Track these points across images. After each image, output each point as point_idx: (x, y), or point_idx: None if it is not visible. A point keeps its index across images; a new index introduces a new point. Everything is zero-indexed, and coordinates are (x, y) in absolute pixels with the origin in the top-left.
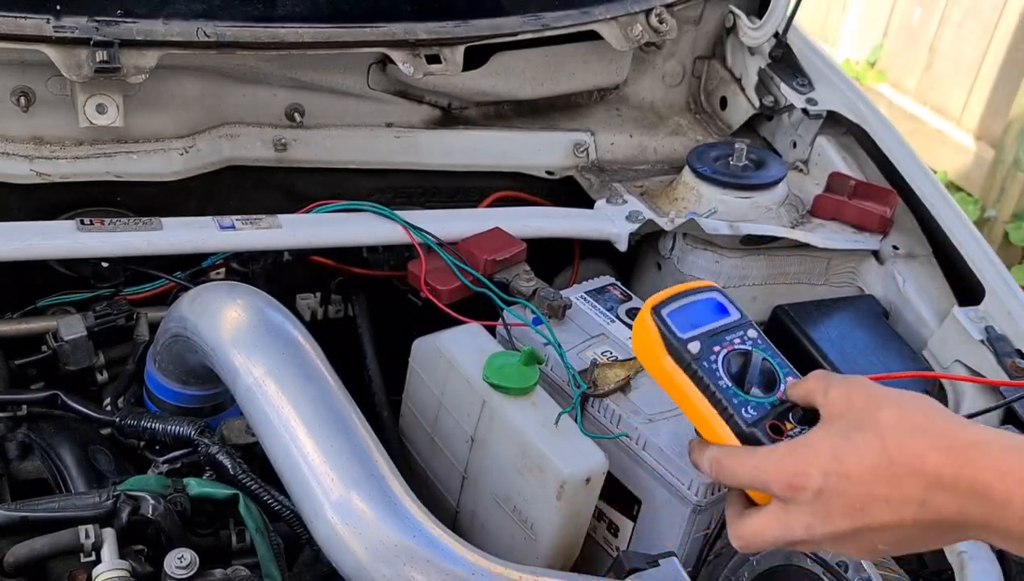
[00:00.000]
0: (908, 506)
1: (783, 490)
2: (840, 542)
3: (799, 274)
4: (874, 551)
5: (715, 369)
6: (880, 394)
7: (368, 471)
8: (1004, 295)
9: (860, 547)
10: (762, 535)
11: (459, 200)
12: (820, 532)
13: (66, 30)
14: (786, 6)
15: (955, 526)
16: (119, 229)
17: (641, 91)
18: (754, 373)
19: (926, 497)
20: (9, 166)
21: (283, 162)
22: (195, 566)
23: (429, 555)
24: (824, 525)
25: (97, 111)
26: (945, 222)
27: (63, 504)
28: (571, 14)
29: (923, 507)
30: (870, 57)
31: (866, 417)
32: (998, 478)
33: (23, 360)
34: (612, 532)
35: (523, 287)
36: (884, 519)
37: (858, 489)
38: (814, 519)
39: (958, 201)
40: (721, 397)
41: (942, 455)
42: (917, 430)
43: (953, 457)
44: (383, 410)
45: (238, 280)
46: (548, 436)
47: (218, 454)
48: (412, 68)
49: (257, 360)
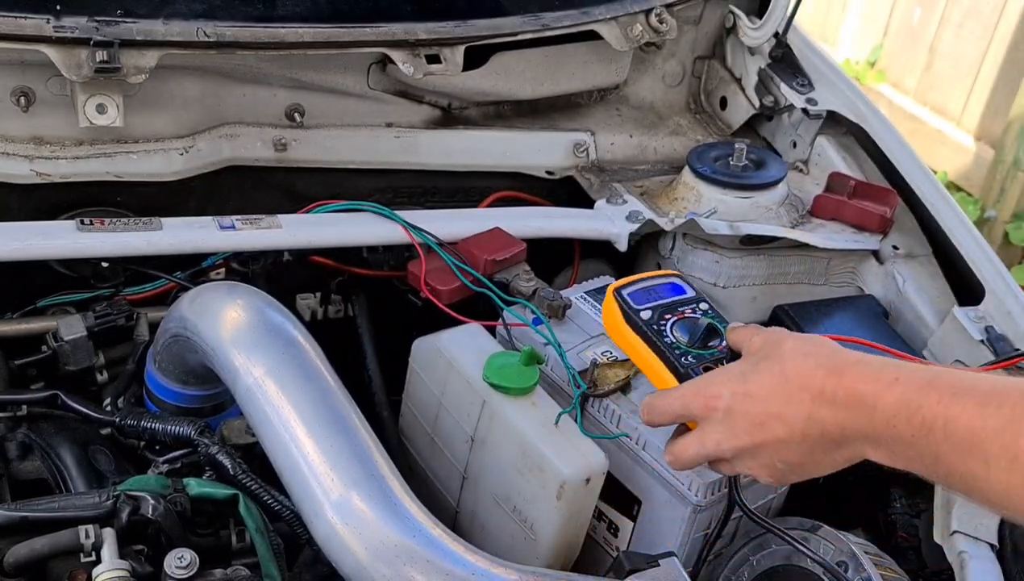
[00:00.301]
0: (798, 420)
1: (701, 410)
2: (745, 458)
3: (799, 274)
4: (774, 469)
5: (663, 330)
6: (789, 333)
7: (368, 471)
8: (1004, 295)
9: (762, 464)
10: (685, 452)
11: (459, 200)
12: (728, 446)
13: (66, 30)
14: (786, 6)
15: (836, 440)
16: (119, 229)
17: (641, 91)
18: (697, 333)
19: (812, 411)
20: (9, 166)
21: (283, 162)
22: (195, 566)
23: (429, 555)
24: (731, 440)
25: (97, 111)
26: (945, 222)
27: (63, 504)
28: (571, 14)
29: (810, 420)
30: (870, 57)
31: (772, 349)
32: (869, 384)
33: (23, 360)
34: (612, 532)
35: (523, 287)
36: (779, 433)
37: (759, 407)
38: (723, 435)
39: (958, 201)
40: (665, 350)
41: (827, 373)
42: (810, 355)
43: (836, 374)
44: (383, 410)
45: (238, 280)
46: (548, 436)
47: (218, 454)
48: (412, 68)
49: (257, 360)
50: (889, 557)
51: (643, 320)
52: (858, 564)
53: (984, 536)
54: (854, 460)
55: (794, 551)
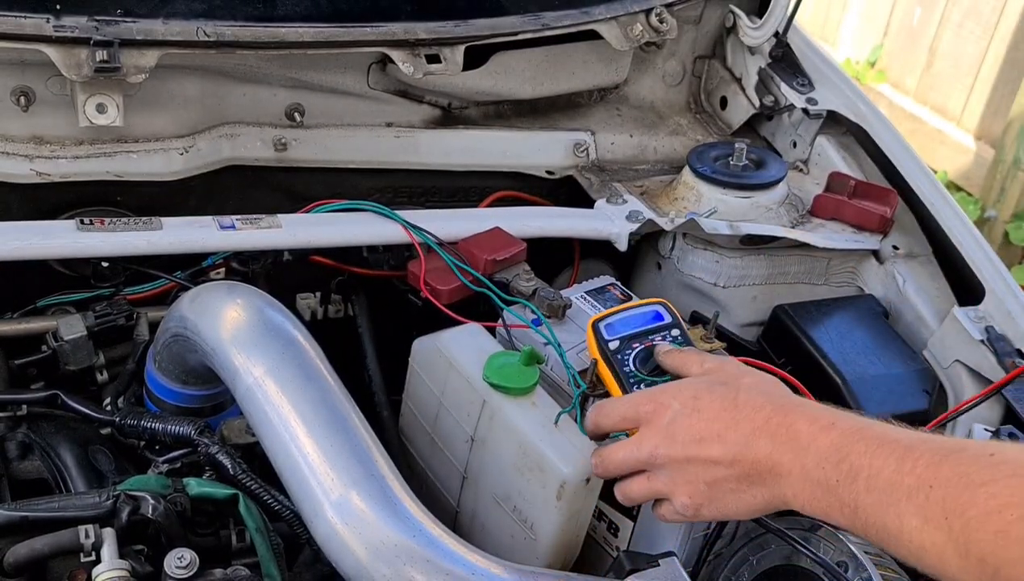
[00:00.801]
0: (735, 445)
1: (647, 415)
2: (674, 468)
3: (799, 274)
4: (696, 490)
5: (626, 359)
6: (748, 371)
7: (368, 471)
8: (1004, 295)
9: (687, 479)
10: (615, 454)
11: (459, 200)
12: (662, 452)
13: (66, 30)
14: (786, 6)
15: (763, 475)
16: (119, 229)
17: (641, 91)
18: (651, 360)
19: (750, 439)
20: (9, 166)
21: (283, 162)
22: (195, 566)
23: (429, 555)
24: (667, 447)
25: (97, 111)
26: (945, 222)
27: (63, 504)
28: (571, 14)
29: (746, 447)
30: (870, 57)
31: (731, 378)
32: (808, 424)
33: (23, 360)
34: (612, 532)
35: (523, 287)
36: (714, 453)
37: (703, 423)
38: (661, 441)
39: (958, 201)
40: (623, 379)
41: (774, 409)
42: (764, 393)
43: (781, 411)
44: (383, 410)
45: (238, 280)
46: (548, 436)
47: (218, 454)
48: (412, 68)
49: (257, 360)
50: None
51: (611, 350)
52: (858, 564)
53: None
54: (772, 506)
55: (794, 551)
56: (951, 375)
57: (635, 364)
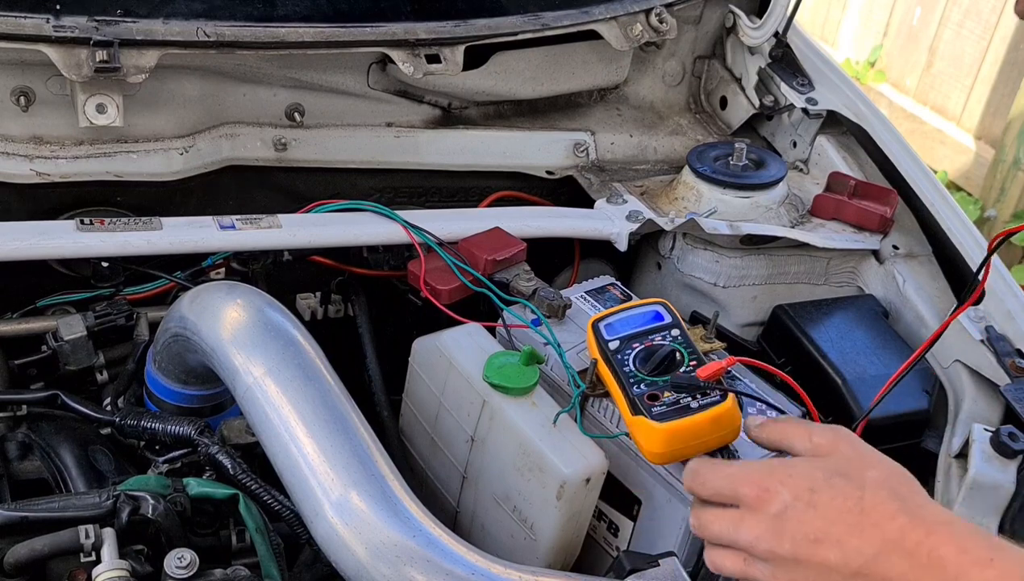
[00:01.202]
0: (859, 556)
1: (751, 499)
2: (777, 565)
3: (799, 274)
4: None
5: (625, 360)
6: (870, 453)
7: (368, 471)
8: (1004, 295)
9: (792, 578)
10: (712, 525)
11: (459, 200)
12: (764, 546)
13: (66, 30)
14: (786, 6)
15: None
16: (119, 229)
17: (641, 91)
18: (651, 360)
19: (880, 553)
20: (9, 166)
21: (283, 162)
22: (195, 566)
23: (429, 555)
24: (771, 541)
25: (97, 111)
26: (945, 222)
27: (63, 504)
28: (571, 14)
29: (874, 561)
30: (870, 57)
31: (853, 469)
32: (957, 554)
33: (23, 360)
34: (612, 532)
35: (523, 287)
36: (831, 559)
37: (819, 523)
38: (765, 532)
39: (958, 201)
40: (622, 378)
41: (912, 521)
42: (896, 496)
43: (921, 526)
44: (383, 410)
45: (238, 280)
46: (548, 436)
47: (218, 454)
48: (412, 68)
49: (257, 360)
50: None
51: (610, 350)
52: None
53: None
54: None
55: None
56: (951, 375)
57: (635, 364)
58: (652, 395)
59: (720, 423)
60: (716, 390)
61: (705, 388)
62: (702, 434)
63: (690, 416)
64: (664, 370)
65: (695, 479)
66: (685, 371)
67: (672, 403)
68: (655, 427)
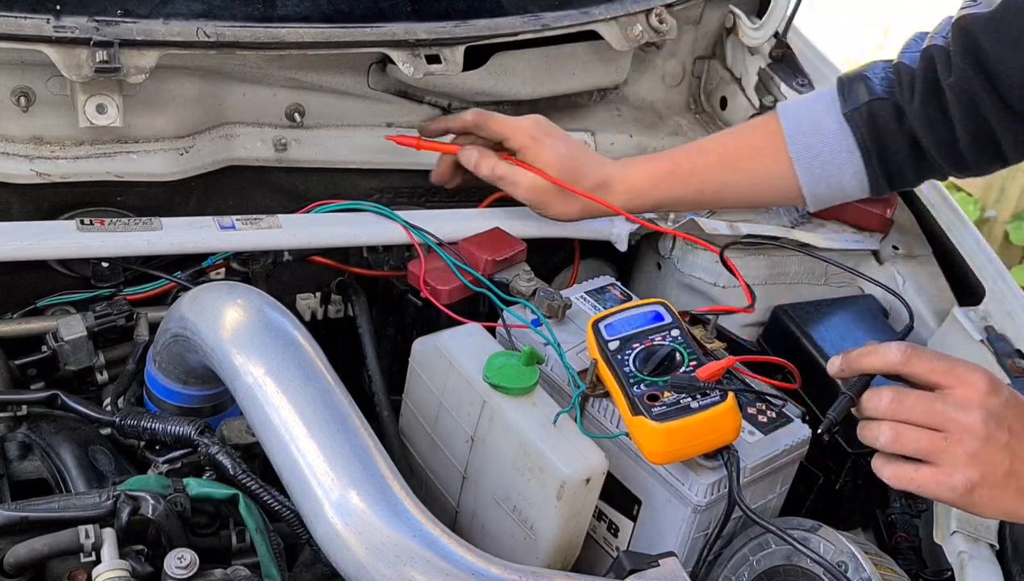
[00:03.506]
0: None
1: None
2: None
3: (799, 274)
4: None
5: (625, 360)
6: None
7: (368, 471)
8: (1004, 295)
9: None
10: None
11: (459, 200)
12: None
13: (66, 30)
14: (786, 6)
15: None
16: (119, 229)
17: (641, 91)
18: (651, 360)
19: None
20: (9, 166)
21: (283, 162)
22: (195, 566)
23: (429, 555)
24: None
25: (97, 111)
26: (945, 222)
27: (63, 504)
28: (571, 14)
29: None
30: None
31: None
32: None
33: (23, 360)
34: (612, 532)
35: (523, 287)
36: None
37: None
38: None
39: (958, 201)
40: (623, 379)
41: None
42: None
43: None
44: (383, 410)
45: (238, 280)
46: (548, 436)
47: (218, 454)
48: (412, 68)
49: (257, 360)
50: (889, 557)
51: (610, 351)
52: (858, 564)
53: (984, 536)
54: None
55: (794, 551)
56: None
57: (635, 364)
58: (652, 395)
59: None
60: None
61: (705, 388)
62: (702, 434)
63: (690, 416)
64: (664, 370)
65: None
66: (685, 371)
67: (672, 403)
68: (655, 427)
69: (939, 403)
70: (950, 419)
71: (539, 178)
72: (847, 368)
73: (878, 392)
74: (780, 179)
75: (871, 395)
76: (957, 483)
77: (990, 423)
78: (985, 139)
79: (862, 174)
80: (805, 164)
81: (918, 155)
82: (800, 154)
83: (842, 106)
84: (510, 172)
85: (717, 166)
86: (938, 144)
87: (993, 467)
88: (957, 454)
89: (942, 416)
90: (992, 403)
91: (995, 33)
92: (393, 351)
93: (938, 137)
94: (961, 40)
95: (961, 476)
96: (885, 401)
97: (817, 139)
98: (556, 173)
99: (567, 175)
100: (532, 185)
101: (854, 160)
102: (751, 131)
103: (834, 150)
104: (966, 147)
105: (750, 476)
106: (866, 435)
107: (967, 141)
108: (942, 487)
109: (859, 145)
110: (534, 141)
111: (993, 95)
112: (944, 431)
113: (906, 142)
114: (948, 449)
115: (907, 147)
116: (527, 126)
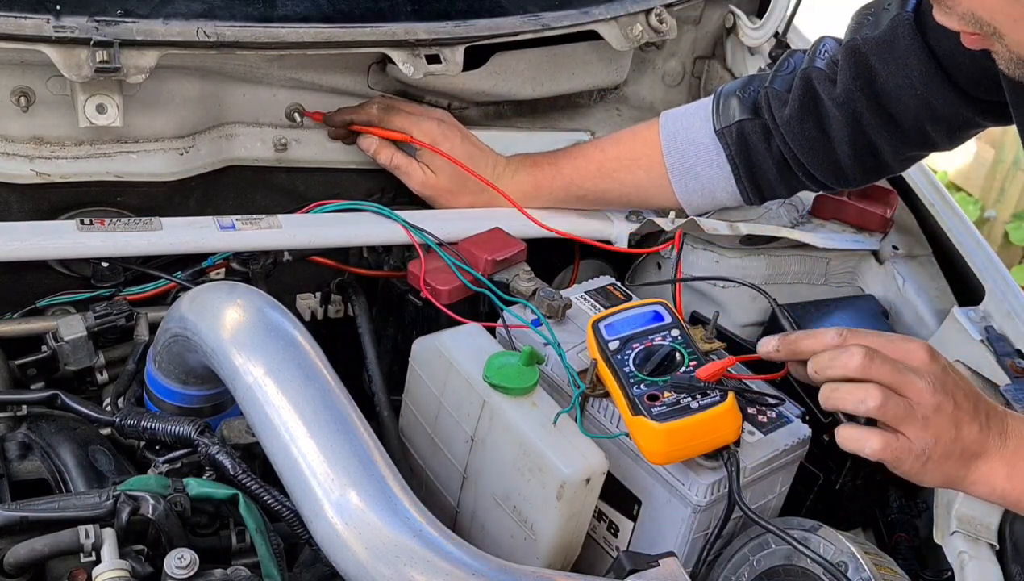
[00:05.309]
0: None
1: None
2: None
3: (799, 274)
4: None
5: (626, 360)
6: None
7: (368, 471)
8: (1004, 295)
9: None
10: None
11: None
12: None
13: (66, 30)
14: (786, 6)
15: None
16: (119, 229)
17: (641, 91)
18: (651, 360)
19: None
20: (9, 166)
21: (283, 162)
22: (195, 566)
23: (429, 555)
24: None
25: (97, 111)
26: (945, 222)
27: (63, 504)
28: (571, 14)
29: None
30: None
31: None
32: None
33: (23, 360)
34: (612, 532)
35: (523, 287)
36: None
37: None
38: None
39: (958, 201)
40: (623, 379)
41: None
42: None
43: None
44: (383, 410)
45: (238, 280)
46: (548, 436)
47: (218, 454)
48: (412, 68)
49: (257, 360)
50: (889, 557)
51: (610, 351)
52: (858, 564)
53: (984, 536)
54: None
55: (794, 551)
56: None
57: (635, 364)
58: (652, 395)
59: (720, 423)
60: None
61: (705, 388)
62: (702, 434)
63: (690, 416)
64: (664, 370)
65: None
66: (685, 371)
67: (672, 403)
68: (655, 427)
69: (901, 365)
70: (909, 383)
71: (431, 176)
72: (784, 350)
73: (849, 349)
74: (657, 189)
75: (842, 352)
76: (919, 449)
77: (938, 391)
78: (867, 153)
79: (732, 188)
80: (680, 176)
81: (786, 172)
82: (675, 166)
83: (715, 122)
84: (405, 163)
85: (596, 175)
86: (815, 160)
87: (943, 434)
88: (917, 420)
89: (902, 379)
90: (935, 370)
91: (884, 53)
92: (393, 351)
93: (814, 154)
94: (851, 60)
95: (921, 443)
96: (857, 358)
97: (692, 152)
98: (446, 177)
99: (456, 180)
100: (423, 181)
101: (724, 174)
102: (632, 140)
103: (706, 165)
104: (847, 161)
105: (750, 476)
106: (848, 398)
107: (848, 155)
108: (910, 455)
109: (729, 161)
110: (433, 142)
111: (879, 112)
112: (905, 396)
113: (774, 161)
114: (911, 415)
115: (775, 166)
116: (427, 127)
